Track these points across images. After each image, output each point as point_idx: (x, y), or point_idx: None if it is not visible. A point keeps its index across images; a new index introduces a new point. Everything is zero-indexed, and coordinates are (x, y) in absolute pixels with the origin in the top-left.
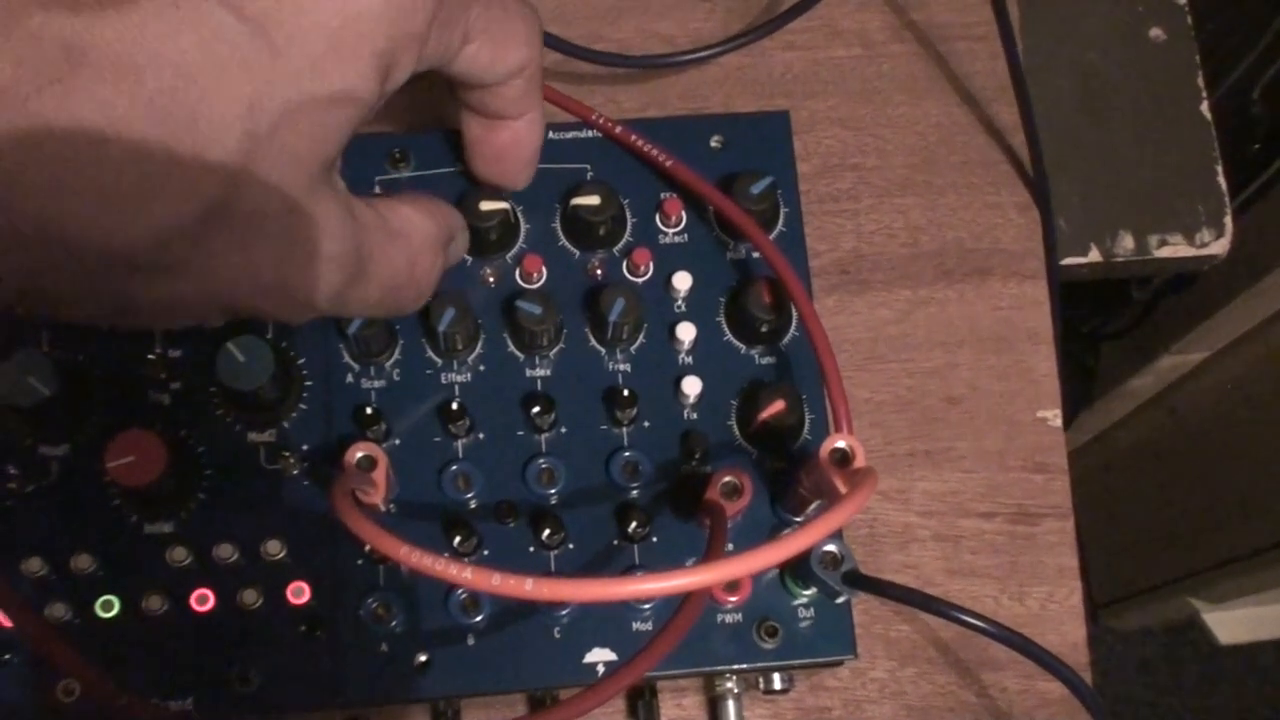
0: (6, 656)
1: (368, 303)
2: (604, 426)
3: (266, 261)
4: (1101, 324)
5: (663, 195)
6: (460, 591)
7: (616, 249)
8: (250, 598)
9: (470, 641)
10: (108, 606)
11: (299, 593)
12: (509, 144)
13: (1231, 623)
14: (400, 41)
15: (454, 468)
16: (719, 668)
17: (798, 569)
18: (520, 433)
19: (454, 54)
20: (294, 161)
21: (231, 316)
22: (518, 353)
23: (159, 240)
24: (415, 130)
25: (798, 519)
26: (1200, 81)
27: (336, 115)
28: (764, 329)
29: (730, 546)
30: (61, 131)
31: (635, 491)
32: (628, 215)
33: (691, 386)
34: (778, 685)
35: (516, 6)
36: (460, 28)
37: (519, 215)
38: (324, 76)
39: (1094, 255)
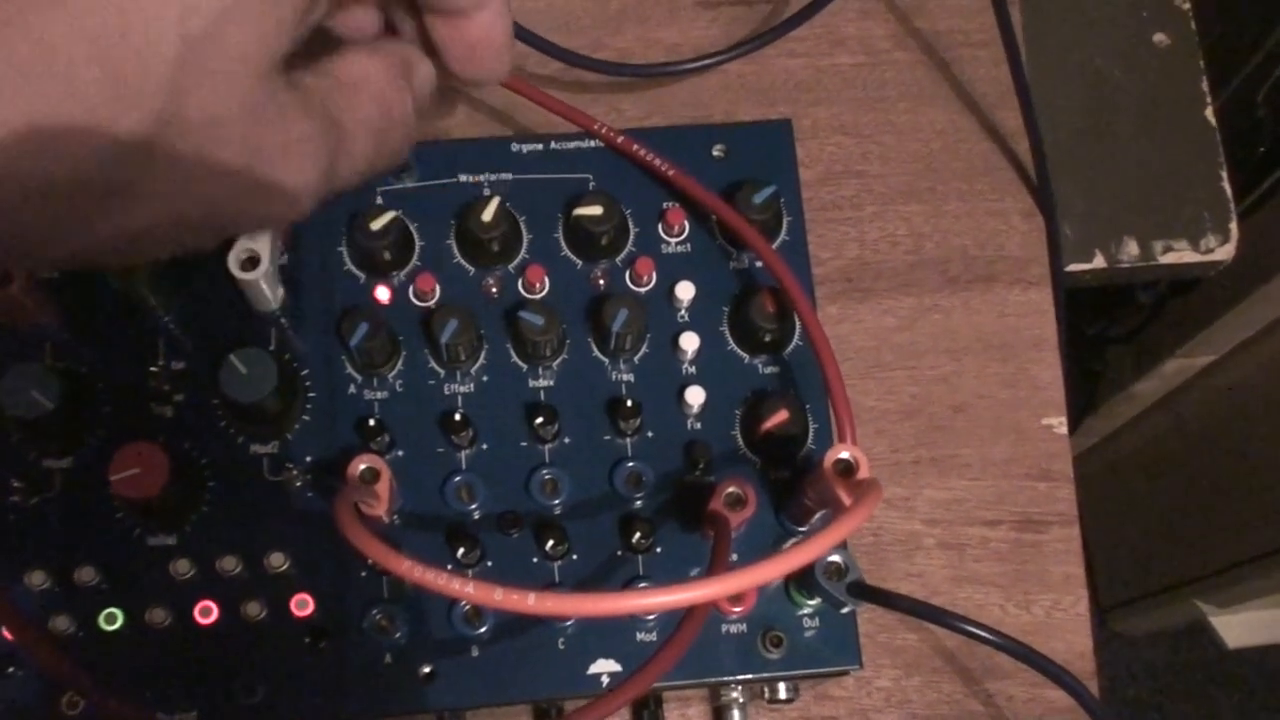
0: (10, 669)
1: (361, 162)
2: (607, 437)
3: (237, 164)
4: (1106, 328)
5: (665, 205)
6: (464, 602)
7: (619, 259)
8: (254, 610)
9: (474, 653)
10: (111, 619)
11: (303, 605)
12: (480, 37)
13: (1239, 626)
14: None
15: (457, 479)
16: (724, 678)
17: (802, 579)
18: (523, 443)
19: None
20: (240, 60)
21: (223, 235)
22: (521, 363)
23: (107, 160)
24: (418, 140)
25: (802, 529)
26: (1204, 86)
27: (279, 6)
28: (767, 338)
29: (734, 557)
30: None
31: (639, 502)
32: (630, 225)
33: (695, 396)
34: (783, 695)
35: None
36: None
37: (522, 225)
38: None
39: (1098, 262)
